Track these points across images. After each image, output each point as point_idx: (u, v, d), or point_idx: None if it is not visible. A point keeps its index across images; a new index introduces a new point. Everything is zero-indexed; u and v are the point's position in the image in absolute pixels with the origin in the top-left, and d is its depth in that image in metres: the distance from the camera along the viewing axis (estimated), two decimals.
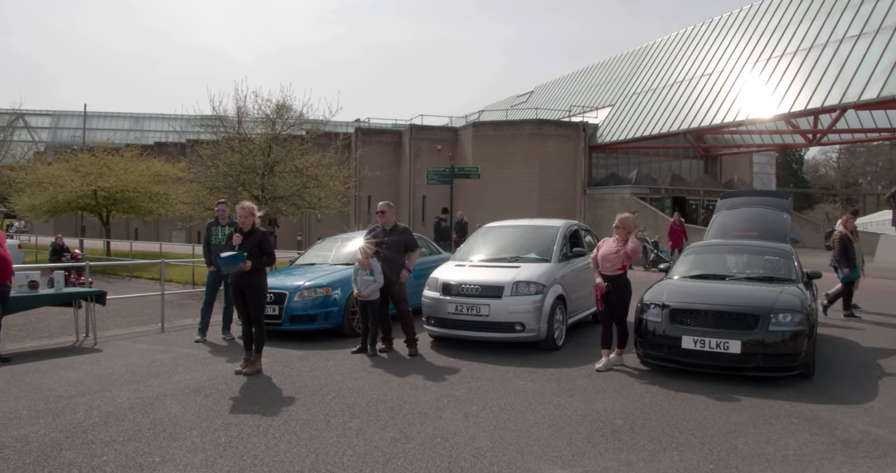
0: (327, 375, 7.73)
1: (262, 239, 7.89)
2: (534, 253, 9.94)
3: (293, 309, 9.81)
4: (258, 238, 7.87)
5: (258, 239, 7.86)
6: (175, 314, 12.85)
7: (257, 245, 7.81)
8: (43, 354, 9.05)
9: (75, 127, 77.41)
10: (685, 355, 7.54)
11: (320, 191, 19.69)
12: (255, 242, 7.81)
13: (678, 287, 8.46)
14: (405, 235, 9.25)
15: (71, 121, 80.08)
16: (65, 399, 6.64)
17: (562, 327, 9.48)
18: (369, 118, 44.95)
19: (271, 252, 7.99)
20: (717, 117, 30.80)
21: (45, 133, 78.03)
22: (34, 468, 4.84)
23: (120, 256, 26.36)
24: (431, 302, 9.32)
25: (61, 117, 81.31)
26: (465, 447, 5.33)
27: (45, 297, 9.63)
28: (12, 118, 45.05)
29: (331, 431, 5.67)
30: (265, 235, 8.02)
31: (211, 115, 20.72)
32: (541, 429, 5.80)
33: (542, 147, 36.28)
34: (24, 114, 51.69)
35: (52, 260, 20.32)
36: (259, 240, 7.85)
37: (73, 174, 26.75)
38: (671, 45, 39.05)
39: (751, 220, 11.94)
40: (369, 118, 44.95)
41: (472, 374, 7.82)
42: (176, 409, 6.31)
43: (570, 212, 35.17)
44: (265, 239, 7.96)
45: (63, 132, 79.42)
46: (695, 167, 42.16)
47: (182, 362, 8.47)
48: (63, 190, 26.13)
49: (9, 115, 44.83)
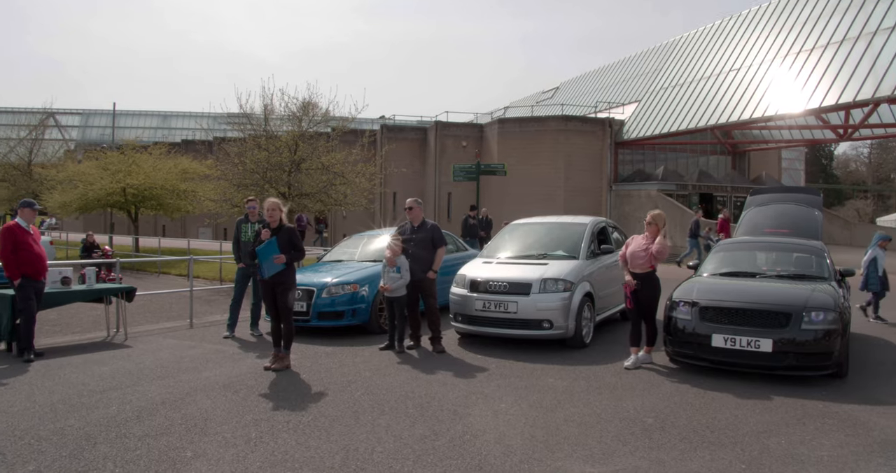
0: (356, 371, 7.76)
1: (291, 234, 7.93)
2: (561, 251, 9.90)
3: (321, 305, 9.85)
4: (287, 233, 7.90)
5: (287, 233, 7.90)
6: (203, 310, 12.97)
7: (288, 240, 7.85)
8: (75, 349, 9.17)
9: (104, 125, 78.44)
10: (715, 353, 7.47)
11: (346, 188, 19.74)
12: (285, 237, 7.84)
13: (708, 284, 8.37)
14: (433, 232, 9.26)
15: (100, 120, 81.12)
16: (97, 394, 6.73)
17: (590, 324, 9.44)
18: (394, 115, 45.03)
19: (301, 246, 8.02)
20: (745, 112, 30.40)
21: (74, 131, 79.09)
22: (70, 461, 4.91)
23: (148, 253, 26.67)
24: (459, 299, 9.31)
25: (90, 116, 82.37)
26: (495, 444, 5.32)
27: (78, 293, 9.76)
28: (43, 117, 45.63)
29: (360, 427, 5.69)
30: (293, 230, 8.05)
31: (238, 113, 20.84)
32: (570, 427, 5.77)
33: (567, 143, 36.07)
34: (54, 112, 52.33)
35: (82, 256, 20.59)
36: (288, 235, 7.89)
37: (102, 172, 27.05)
38: (698, 39, 38.62)
39: (781, 217, 11.78)
40: (394, 115, 45.03)
41: (500, 371, 7.81)
42: (206, 405, 6.36)
43: (595, 208, 34.96)
44: (294, 233, 8.00)
45: (92, 130, 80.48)
46: (722, 163, 41.71)
47: (211, 358, 8.54)
48: (93, 187, 26.44)
49: (40, 114, 45.43)
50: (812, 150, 61.20)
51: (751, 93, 30.73)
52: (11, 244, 8.50)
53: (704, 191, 36.41)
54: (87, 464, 4.84)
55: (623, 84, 43.87)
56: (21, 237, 8.61)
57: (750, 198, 12.75)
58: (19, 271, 8.51)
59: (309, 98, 20.21)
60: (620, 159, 38.57)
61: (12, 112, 61.20)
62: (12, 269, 8.49)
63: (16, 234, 8.57)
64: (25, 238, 8.64)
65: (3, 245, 8.51)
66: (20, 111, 53.49)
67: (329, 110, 20.40)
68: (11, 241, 8.51)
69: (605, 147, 36.94)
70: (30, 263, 8.59)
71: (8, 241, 8.49)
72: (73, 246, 27.66)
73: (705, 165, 40.56)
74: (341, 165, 19.80)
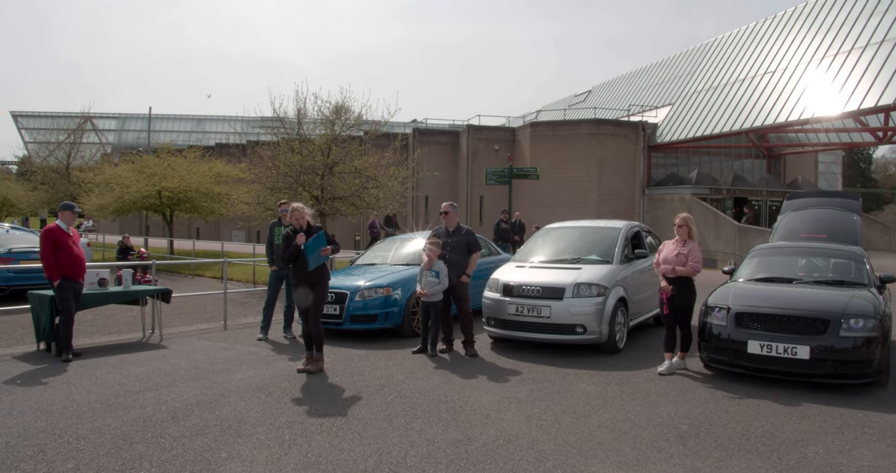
0: (388, 375, 7.77)
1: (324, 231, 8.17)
2: (595, 255, 9.84)
3: (354, 308, 9.89)
4: (319, 230, 8.11)
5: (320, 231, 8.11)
6: (237, 312, 13.08)
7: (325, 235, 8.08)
8: (112, 349, 9.31)
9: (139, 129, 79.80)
10: (751, 360, 7.37)
11: (378, 192, 19.80)
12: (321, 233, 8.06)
13: (743, 290, 8.25)
14: (468, 236, 9.27)
15: (135, 124, 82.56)
16: (134, 394, 6.82)
17: (623, 329, 9.37)
18: (426, 119, 45.13)
19: (335, 240, 8.29)
20: (780, 115, 29.93)
21: (111, 135, 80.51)
22: (108, 459, 4.98)
23: (183, 255, 26.97)
24: (492, 304, 9.29)
25: (126, 120, 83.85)
26: (528, 450, 5.29)
27: (115, 295, 9.91)
28: (81, 121, 46.45)
29: (393, 431, 5.70)
30: (320, 228, 8.23)
31: (271, 117, 21.00)
32: (604, 433, 5.73)
33: (600, 147, 35.82)
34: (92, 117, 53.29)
35: (118, 258, 20.87)
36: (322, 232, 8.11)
37: (138, 175, 27.40)
38: (731, 42, 38.14)
39: (819, 222, 11.59)
40: (426, 119, 45.13)
41: (533, 376, 7.77)
42: (241, 406, 6.41)
43: (628, 212, 34.68)
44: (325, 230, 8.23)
45: (128, 134, 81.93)
46: (757, 167, 41.10)
47: (245, 360, 8.62)
48: (129, 190, 26.79)
49: (78, 119, 46.27)
50: (849, 154, 60.15)
51: (786, 96, 30.27)
52: (52, 245, 8.66)
53: (739, 195, 35.92)
54: (123, 463, 4.91)
55: (656, 87, 43.49)
56: (61, 239, 8.77)
57: (786, 202, 12.56)
58: (59, 272, 8.67)
59: (342, 102, 20.29)
60: (653, 163, 38.21)
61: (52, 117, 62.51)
62: (52, 270, 8.65)
63: (56, 236, 8.74)
64: (65, 239, 8.81)
65: (43, 246, 8.69)
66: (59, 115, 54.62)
67: (362, 114, 20.48)
68: (52, 243, 8.67)
69: (638, 150, 36.64)
70: (69, 264, 8.75)
71: (49, 243, 8.66)
72: (110, 248, 28.11)
73: (740, 169, 40.01)
74: (374, 169, 19.86)
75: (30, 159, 52.72)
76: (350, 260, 13.89)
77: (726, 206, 34.21)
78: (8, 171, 56.82)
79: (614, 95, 48.93)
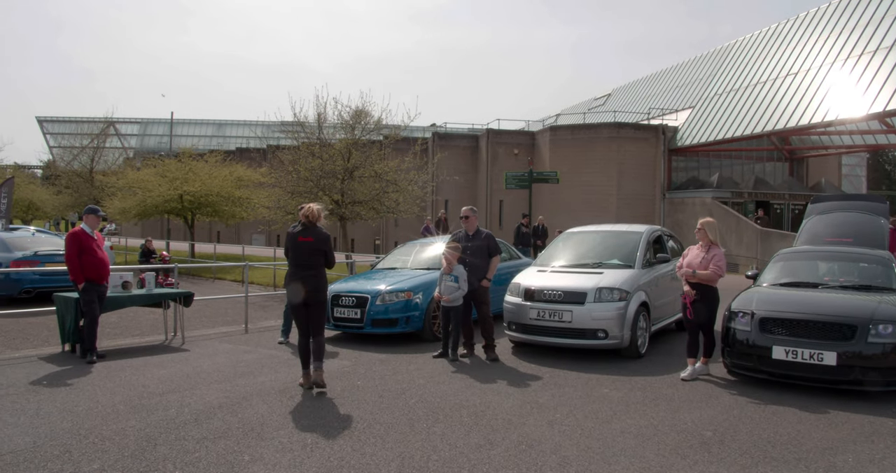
0: (410, 379, 7.76)
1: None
2: (617, 259, 9.77)
3: (375, 312, 9.90)
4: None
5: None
6: (258, 315, 13.14)
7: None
8: (135, 351, 9.39)
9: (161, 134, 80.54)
10: (776, 366, 7.27)
11: (399, 196, 19.83)
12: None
13: (768, 295, 8.15)
14: (488, 240, 9.24)
15: (157, 128, 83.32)
16: (157, 396, 6.86)
17: (645, 334, 9.29)
18: (446, 123, 45.19)
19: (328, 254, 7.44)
20: (803, 118, 29.65)
21: (133, 140, 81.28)
22: (132, 461, 5.00)
23: (204, 258, 27.15)
24: (513, 308, 9.25)
25: (148, 124, 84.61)
26: (551, 455, 5.25)
27: (138, 297, 9.99)
28: (105, 126, 46.95)
29: (415, 435, 5.68)
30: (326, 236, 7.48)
31: (292, 122, 21.11)
32: (627, 439, 5.68)
33: (620, 150, 35.68)
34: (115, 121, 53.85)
35: (141, 261, 21.06)
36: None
37: (160, 179, 27.63)
38: (753, 44, 37.83)
39: (844, 226, 11.44)
40: (446, 123, 45.19)
41: (554, 381, 7.73)
42: (263, 409, 6.43)
43: (649, 216, 34.50)
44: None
45: (150, 139, 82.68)
46: (779, 170, 40.73)
47: (266, 363, 8.65)
48: (151, 194, 27.02)
49: (101, 124, 46.77)
50: (874, 156, 59.40)
51: (809, 98, 29.98)
52: (77, 248, 8.75)
53: (761, 198, 35.61)
54: (148, 465, 4.93)
55: (676, 90, 43.23)
56: (85, 242, 8.86)
57: (811, 206, 12.42)
58: (83, 275, 8.75)
59: (362, 106, 20.36)
60: (674, 166, 37.98)
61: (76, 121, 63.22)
62: (77, 273, 8.74)
63: (81, 239, 8.83)
64: (90, 243, 8.90)
65: (68, 249, 8.78)
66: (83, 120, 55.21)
67: (382, 118, 20.53)
68: (77, 246, 8.76)
69: (658, 154, 36.45)
70: (93, 267, 8.83)
71: (73, 246, 8.75)
72: (132, 251, 28.35)
73: (761, 172, 39.66)
74: (394, 173, 19.90)
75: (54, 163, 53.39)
76: (371, 264, 13.90)
77: (748, 210, 33.92)
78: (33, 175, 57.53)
79: (634, 99, 48.70)
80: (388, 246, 37.34)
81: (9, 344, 10.01)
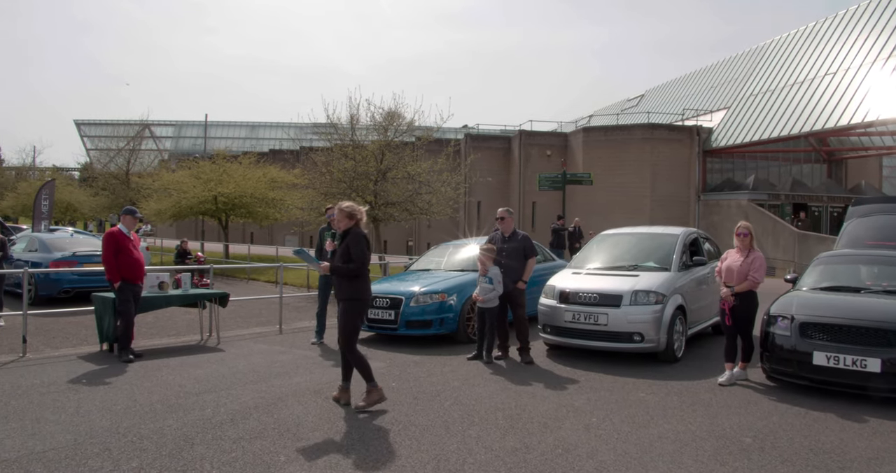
0: (444, 381, 7.73)
1: (349, 242, 6.63)
2: (652, 262, 9.65)
3: (409, 314, 9.89)
4: (347, 241, 6.66)
5: (346, 242, 6.66)
6: (292, 316, 13.21)
7: (344, 249, 6.67)
8: (171, 351, 9.47)
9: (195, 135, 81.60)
10: (816, 372, 7.11)
11: (432, 197, 19.83)
12: (343, 246, 6.68)
13: (808, 299, 7.98)
14: (524, 242, 9.17)
15: (191, 131, 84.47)
16: (193, 396, 6.90)
17: (681, 338, 9.16)
18: (478, 124, 45.18)
19: (356, 257, 6.57)
20: (842, 118, 29.10)
21: (168, 142, 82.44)
22: (170, 460, 5.03)
23: (237, 259, 27.40)
24: (548, 311, 9.18)
25: (183, 127, 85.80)
26: (588, 460, 5.18)
27: (175, 298, 10.08)
28: (140, 128, 47.66)
29: (451, 438, 5.64)
30: (355, 236, 6.65)
31: (325, 123, 21.22)
32: (665, 444, 5.58)
33: (654, 152, 35.34)
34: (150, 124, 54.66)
35: (176, 262, 21.31)
36: (346, 245, 6.64)
37: (195, 180, 27.93)
38: (790, 43, 37.24)
39: (885, 229, 11.16)
40: (478, 124, 45.18)
41: (590, 384, 7.65)
42: (298, 410, 6.44)
43: (683, 218, 34.11)
44: (353, 241, 6.62)
45: (184, 141, 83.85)
46: (817, 171, 40.04)
47: (301, 364, 8.67)
48: (186, 195, 27.33)
49: (137, 126, 47.48)
50: None
51: (849, 98, 29.42)
52: (113, 248, 8.87)
53: (798, 200, 35.07)
54: (185, 464, 4.95)
55: (711, 91, 42.72)
56: (122, 242, 8.98)
57: (852, 208, 12.15)
58: (119, 275, 8.86)
59: (395, 107, 20.41)
60: (709, 168, 37.53)
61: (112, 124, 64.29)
62: (113, 273, 8.86)
63: (118, 239, 8.94)
64: (126, 243, 9.02)
65: (105, 249, 8.90)
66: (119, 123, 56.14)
67: (414, 119, 20.56)
68: (114, 246, 8.88)
69: (692, 155, 36.05)
70: (129, 267, 8.95)
71: (110, 246, 8.87)
72: (167, 252, 28.72)
73: (798, 174, 39.02)
74: (427, 174, 19.90)
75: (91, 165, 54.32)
76: (404, 265, 13.90)
77: (785, 212, 33.41)
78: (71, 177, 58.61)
79: (667, 99, 48.23)
80: (421, 247, 37.40)
81: (49, 343, 10.16)
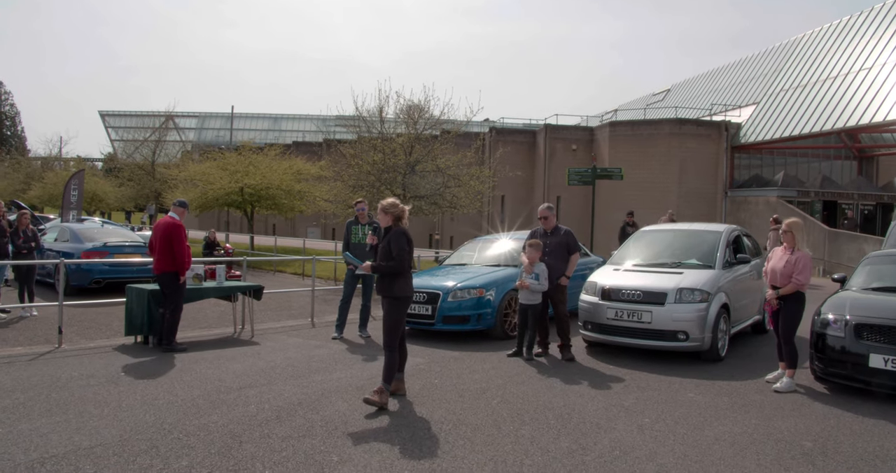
0: (488, 378, 7.58)
1: (390, 240, 6.56)
2: (695, 259, 9.45)
3: (446, 309, 9.75)
4: (387, 239, 6.60)
5: (387, 240, 6.58)
6: (322, 309, 13.11)
7: (385, 247, 6.60)
8: (205, 344, 9.42)
9: (218, 127, 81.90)
10: (872, 375, 6.89)
11: (460, 191, 19.68)
12: (384, 243, 6.61)
13: (861, 300, 7.75)
14: (567, 237, 9.01)
15: (214, 122, 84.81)
16: (235, 391, 6.81)
17: (725, 337, 8.96)
18: (502, 118, 44.86)
19: (397, 255, 6.48)
20: (876, 115, 28.60)
21: (191, 133, 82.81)
22: (219, 458, 4.92)
23: (263, 251, 27.39)
24: (589, 307, 9.01)
25: (206, 118, 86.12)
26: (648, 462, 5.02)
27: (211, 290, 10.03)
28: (164, 120, 47.84)
29: (503, 438, 5.50)
30: (396, 234, 6.58)
31: (352, 115, 21.12)
32: (723, 447, 5.41)
33: (681, 147, 34.96)
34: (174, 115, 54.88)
35: (205, 253, 21.28)
36: (388, 242, 6.57)
37: (221, 172, 27.93)
38: (821, 38, 36.65)
39: None
40: (502, 118, 44.86)
41: (636, 384, 7.48)
42: (343, 407, 6.32)
43: (710, 215, 33.74)
44: (394, 240, 6.53)
45: (208, 132, 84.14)
46: (847, 168, 39.43)
47: (339, 358, 8.57)
48: (213, 187, 27.31)
49: (161, 117, 47.67)
50: None
51: (883, 94, 28.91)
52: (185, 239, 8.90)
53: (828, 198, 34.56)
54: (236, 463, 4.84)
55: (739, 86, 42.19)
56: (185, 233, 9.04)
57: None
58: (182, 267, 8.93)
59: (425, 100, 20.28)
60: (737, 164, 37.10)
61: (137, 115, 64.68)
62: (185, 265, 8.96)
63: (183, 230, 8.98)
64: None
65: (181, 240, 8.90)
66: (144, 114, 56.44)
67: (444, 112, 20.41)
68: (185, 237, 8.91)
69: (720, 151, 35.63)
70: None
71: (184, 236, 8.89)
72: (193, 243, 28.73)
73: (828, 171, 38.47)
74: (455, 168, 19.76)
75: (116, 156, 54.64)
76: (438, 259, 13.77)
77: (814, 210, 32.93)
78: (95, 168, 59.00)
79: (694, 94, 47.72)
80: (445, 241, 37.27)
81: (83, 334, 10.14)
